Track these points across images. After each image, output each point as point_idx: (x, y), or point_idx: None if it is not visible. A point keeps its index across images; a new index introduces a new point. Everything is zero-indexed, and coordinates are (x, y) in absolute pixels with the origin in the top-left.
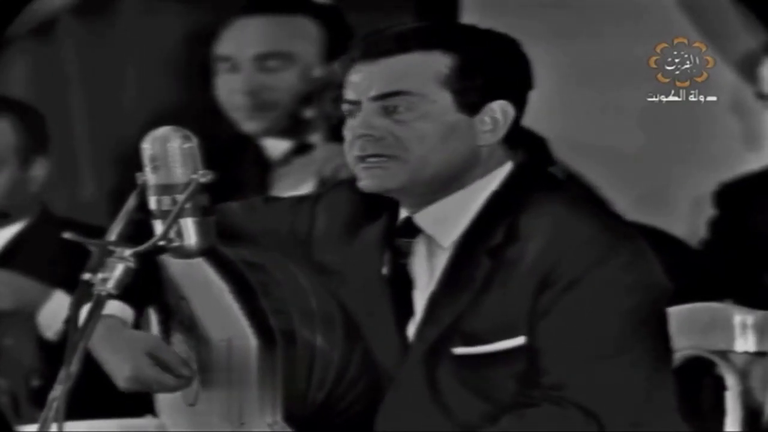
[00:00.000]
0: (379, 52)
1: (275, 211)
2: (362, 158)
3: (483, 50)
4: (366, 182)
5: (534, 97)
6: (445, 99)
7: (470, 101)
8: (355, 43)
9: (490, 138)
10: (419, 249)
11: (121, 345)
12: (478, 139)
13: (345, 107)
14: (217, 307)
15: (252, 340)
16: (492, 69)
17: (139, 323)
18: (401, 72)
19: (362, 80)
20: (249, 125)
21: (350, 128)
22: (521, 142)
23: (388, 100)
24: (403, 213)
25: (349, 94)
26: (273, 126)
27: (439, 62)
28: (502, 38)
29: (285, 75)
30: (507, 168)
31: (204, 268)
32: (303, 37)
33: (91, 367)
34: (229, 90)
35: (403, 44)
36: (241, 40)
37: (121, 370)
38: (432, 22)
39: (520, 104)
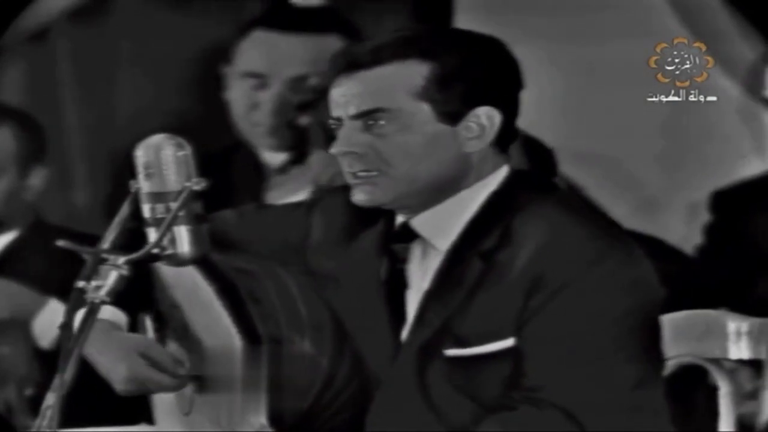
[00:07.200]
0: (357, 65)
1: (268, 219)
2: (353, 174)
3: (462, 56)
4: (358, 197)
5: (532, 98)
6: (423, 110)
7: (450, 110)
8: (335, 55)
9: (477, 144)
10: (415, 253)
11: (114, 347)
12: (465, 147)
13: (331, 123)
14: (208, 313)
15: (238, 345)
16: (473, 75)
17: (137, 330)
18: (377, 87)
19: (341, 96)
20: (267, 142)
21: (335, 145)
22: (529, 152)
23: (367, 117)
24: (400, 218)
25: (333, 110)
26: (284, 143)
27: (415, 73)
28: (484, 41)
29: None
30: (503, 172)
31: (193, 274)
32: None
33: (86, 374)
34: (251, 105)
35: (378, 56)
36: (275, 58)
37: (117, 372)
38: (409, 29)
39: (509, 107)
